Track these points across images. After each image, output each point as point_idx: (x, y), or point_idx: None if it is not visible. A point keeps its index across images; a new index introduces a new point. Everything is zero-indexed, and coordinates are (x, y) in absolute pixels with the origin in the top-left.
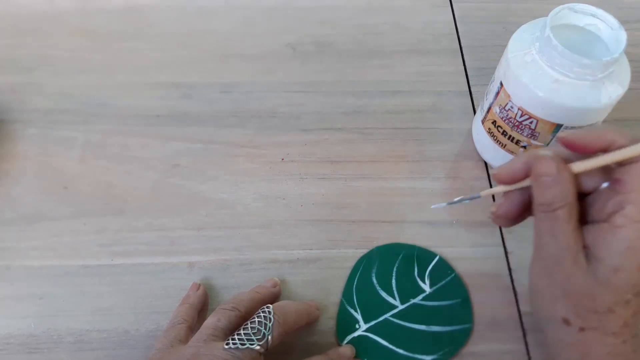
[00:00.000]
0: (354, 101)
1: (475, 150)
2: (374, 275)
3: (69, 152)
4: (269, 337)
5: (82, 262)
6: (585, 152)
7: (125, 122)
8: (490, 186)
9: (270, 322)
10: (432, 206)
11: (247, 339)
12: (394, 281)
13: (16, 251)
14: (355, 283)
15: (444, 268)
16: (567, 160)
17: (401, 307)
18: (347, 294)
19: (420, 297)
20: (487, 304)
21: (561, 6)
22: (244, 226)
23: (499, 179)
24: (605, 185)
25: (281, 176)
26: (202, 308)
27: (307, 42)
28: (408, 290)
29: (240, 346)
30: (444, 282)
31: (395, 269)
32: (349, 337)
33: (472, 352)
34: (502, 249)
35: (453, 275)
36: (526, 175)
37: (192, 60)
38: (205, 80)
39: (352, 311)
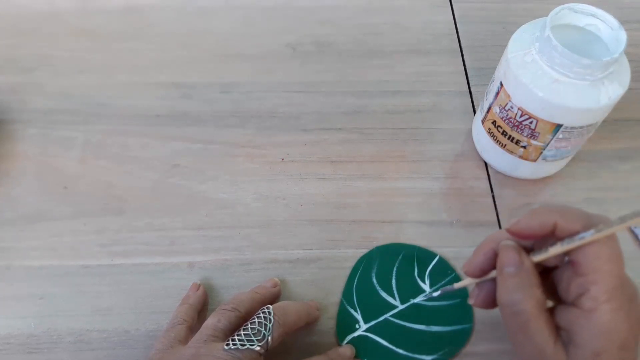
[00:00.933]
0: (354, 101)
1: (475, 150)
2: (374, 275)
3: (69, 152)
4: (269, 338)
5: (82, 262)
6: (533, 239)
7: (125, 122)
8: (490, 186)
9: (270, 323)
10: (413, 300)
11: (247, 340)
12: (394, 281)
13: (16, 251)
14: (355, 283)
15: (444, 268)
16: (526, 249)
17: (401, 307)
18: (347, 294)
19: (421, 297)
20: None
21: (561, 6)
22: (244, 226)
23: (468, 274)
24: (567, 259)
25: (281, 176)
26: (202, 308)
27: (307, 42)
28: (408, 290)
29: (240, 347)
30: (444, 282)
31: (395, 269)
32: (349, 337)
33: (472, 352)
34: None
35: (453, 275)
36: (492, 266)
37: (192, 60)
38: (205, 80)
39: (352, 311)
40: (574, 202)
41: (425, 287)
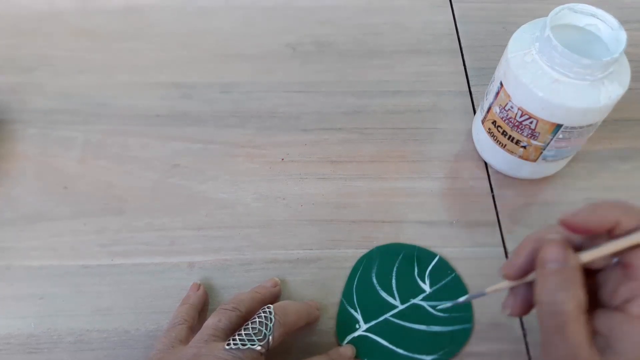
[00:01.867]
0: (354, 101)
1: (475, 150)
2: (374, 275)
3: (69, 152)
4: (270, 338)
5: (82, 262)
6: (589, 234)
7: (125, 122)
8: (490, 186)
9: (271, 323)
10: (439, 307)
11: (248, 340)
12: (394, 281)
13: (16, 251)
14: (355, 283)
15: (444, 268)
16: (574, 245)
17: (401, 307)
18: (347, 294)
19: (420, 297)
20: (487, 304)
21: (561, 6)
22: (244, 226)
23: (507, 277)
24: (615, 260)
25: (281, 176)
26: (202, 308)
27: (307, 42)
28: (408, 290)
29: (241, 346)
30: (444, 282)
31: (395, 269)
32: (349, 337)
33: (472, 352)
34: (502, 249)
35: (453, 275)
36: (532, 268)
37: (192, 60)
38: (205, 80)
39: (352, 311)
40: (574, 203)
41: (426, 287)
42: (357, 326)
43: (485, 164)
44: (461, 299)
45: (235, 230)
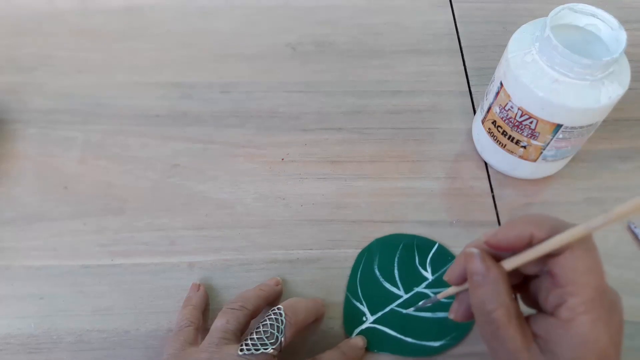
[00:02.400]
0: (354, 101)
1: (475, 150)
2: (376, 267)
3: (69, 152)
4: (282, 339)
5: (82, 262)
6: (513, 251)
7: (125, 122)
8: (490, 186)
9: (282, 325)
10: (414, 308)
11: (261, 344)
12: (396, 271)
13: (16, 251)
14: (358, 276)
15: (444, 254)
16: (498, 258)
17: (406, 296)
18: (351, 288)
19: (424, 284)
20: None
21: (561, 6)
22: (244, 226)
23: (449, 282)
24: (545, 268)
25: (281, 176)
26: (205, 308)
27: (307, 42)
28: (411, 279)
29: (254, 351)
30: (445, 268)
31: (396, 260)
32: (357, 330)
33: (472, 352)
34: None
35: (453, 261)
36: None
37: (192, 60)
38: (205, 80)
39: (358, 304)
40: (574, 202)
41: (427, 274)
42: (364, 319)
43: (485, 164)
44: (420, 304)
45: (235, 230)
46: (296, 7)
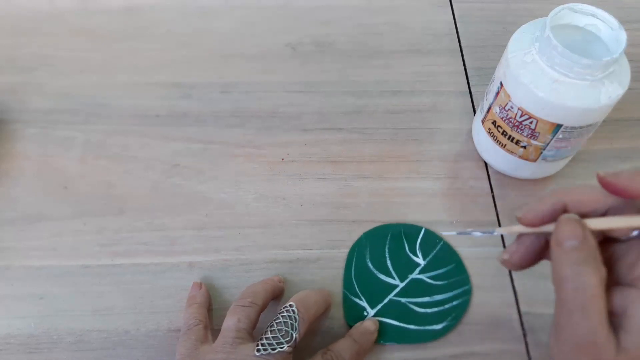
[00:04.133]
0: (354, 101)
1: (475, 150)
2: (368, 260)
3: (69, 152)
4: (296, 336)
5: (82, 262)
6: (625, 197)
7: (125, 122)
8: (490, 186)
9: (296, 322)
10: (443, 233)
11: (277, 342)
12: (388, 262)
13: (16, 251)
14: (352, 272)
15: (431, 238)
16: (587, 215)
17: (402, 284)
18: (347, 284)
19: (417, 271)
20: (487, 304)
21: (561, 6)
22: (244, 226)
23: (525, 222)
24: (635, 233)
25: (281, 176)
26: (208, 306)
27: (307, 42)
28: (404, 267)
29: (271, 351)
30: (435, 251)
31: (387, 250)
32: None
33: (472, 352)
34: (502, 249)
35: (442, 243)
36: (552, 220)
37: (192, 60)
38: (205, 80)
39: (357, 300)
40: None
41: (419, 260)
42: (365, 313)
43: (485, 164)
44: (471, 231)
45: (235, 230)
46: (296, 7)
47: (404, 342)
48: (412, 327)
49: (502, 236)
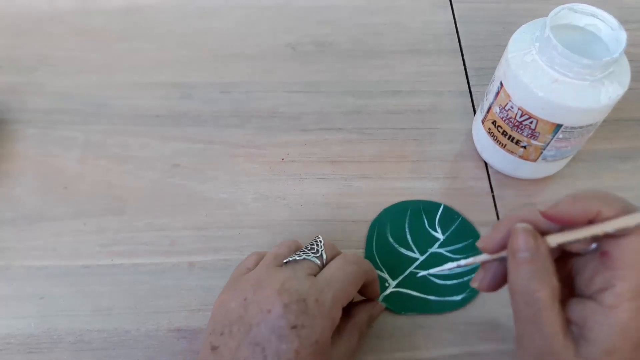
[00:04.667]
0: (354, 101)
1: (475, 150)
2: (389, 235)
3: (69, 152)
4: (323, 252)
5: (82, 262)
6: (571, 225)
7: (125, 122)
8: (490, 186)
9: (322, 243)
10: (434, 271)
11: (304, 254)
12: (408, 236)
13: (16, 251)
14: (374, 246)
15: (450, 214)
16: (545, 232)
17: (422, 258)
18: (369, 257)
19: (437, 245)
20: (487, 303)
21: (561, 6)
22: (244, 226)
23: (484, 250)
24: (593, 247)
25: (281, 176)
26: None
27: (307, 42)
28: (424, 241)
29: (297, 258)
30: (454, 227)
31: (407, 225)
32: (382, 296)
33: (472, 352)
34: None
35: (460, 219)
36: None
37: (192, 60)
38: (205, 80)
39: (379, 272)
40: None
41: (438, 235)
42: (386, 284)
43: (485, 164)
44: (443, 268)
45: (235, 230)
46: (296, 7)
47: (424, 312)
48: (432, 297)
49: None
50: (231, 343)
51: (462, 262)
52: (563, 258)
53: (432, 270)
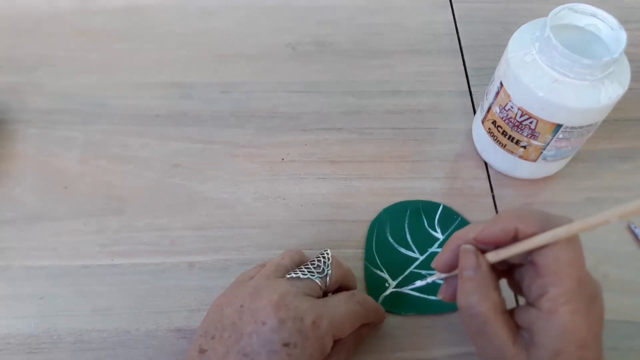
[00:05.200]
0: (354, 101)
1: (475, 150)
2: (389, 234)
3: (69, 152)
4: (329, 273)
5: (82, 262)
6: (499, 245)
7: (125, 122)
8: (490, 186)
9: (329, 262)
10: (412, 287)
11: (308, 271)
12: (408, 236)
13: (16, 251)
14: (374, 246)
15: (449, 214)
16: (485, 251)
17: (422, 258)
18: (369, 257)
19: (436, 245)
20: None
21: (561, 6)
22: (244, 226)
23: (437, 269)
24: (529, 259)
25: (281, 176)
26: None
27: (307, 42)
28: (423, 241)
29: (301, 276)
30: (453, 226)
31: (406, 225)
32: (382, 297)
33: (472, 352)
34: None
35: (460, 219)
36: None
37: (192, 60)
38: (205, 80)
39: (379, 272)
40: (574, 202)
41: (438, 235)
42: (386, 285)
43: (485, 164)
44: (416, 284)
45: (235, 230)
46: (296, 7)
47: (424, 312)
48: (432, 298)
49: None
50: (220, 349)
51: (429, 279)
52: (513, 268)
53: (405, 289)
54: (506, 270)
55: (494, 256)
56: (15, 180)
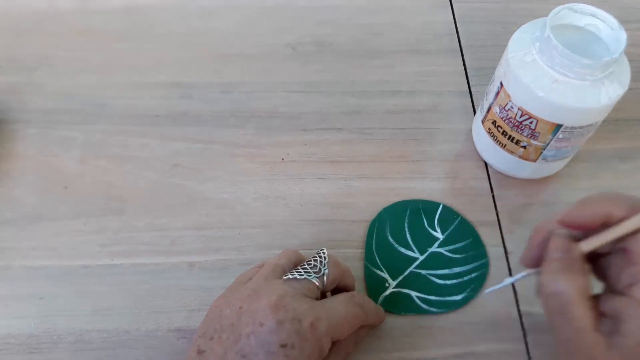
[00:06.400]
0: (354, 101)
1: (475, 150)
2: (389, 234)
3: (69, 152)
4: (326, 272)
5: (82, 262)
6: (587, 230)
7: (125, 122)
8: (490, 186)
9: (325, 261)
10: (486, 291)
11: (305, 272)
12: (408, 236)
13: (16, 251)
14: (374, 246)
15: (449, 214)
16: (575, 238)
17: (422, 257)
18: (369, 257)
19: (436, 244)
20: (487, 304)
21: (561, 6)
22: (244, 226)
23: (526, 265)
24: (619, 246)
25: (281, 176)
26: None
27: (307, 42)
28: (423, 240)
29: (298, 276)
30: (452, 226)
31: (406, 225)
32: (382, 297)
33: (472, 352)
34: (502, 249)
35: (459, 218)
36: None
37: (192, 60)
38: (205, 80)
39: (379, 272)
40: (574, 203)
41: (438, 234)
42: (386, 284)
43: (485, 164)
44: (509, 280)
45: (235, 230)
46: (296, 7)
47: (424, 312)
48: (432, 297)
49: (502, 240)
50: (218, 350)
51: (519, 275)
52: (595, 258)
53: (489, 290)
54: (589, 259)
55: (586, 245)
56: (15, 180)
